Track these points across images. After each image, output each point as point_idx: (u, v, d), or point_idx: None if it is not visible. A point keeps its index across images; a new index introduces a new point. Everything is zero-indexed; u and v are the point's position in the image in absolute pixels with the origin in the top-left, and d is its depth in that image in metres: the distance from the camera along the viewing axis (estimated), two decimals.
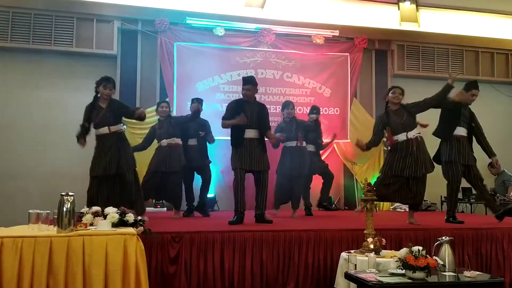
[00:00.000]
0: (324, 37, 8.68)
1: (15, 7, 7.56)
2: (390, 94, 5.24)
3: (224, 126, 5.31)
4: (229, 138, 5.33)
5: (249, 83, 5.27)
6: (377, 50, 9.17)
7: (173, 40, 8.05)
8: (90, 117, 4.93)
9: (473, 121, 5.51)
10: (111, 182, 4.90)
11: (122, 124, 5.19)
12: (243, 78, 5.40)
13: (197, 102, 6.37)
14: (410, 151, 5.05)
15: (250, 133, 5.17)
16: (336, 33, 8.71)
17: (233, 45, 8.37)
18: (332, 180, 7.43)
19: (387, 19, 9.18)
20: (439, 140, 5.57)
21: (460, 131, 5.41)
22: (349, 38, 8.91)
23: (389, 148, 5.49)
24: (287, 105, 6.49)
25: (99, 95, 4.97)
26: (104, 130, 4.88)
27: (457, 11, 9.50)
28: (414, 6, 9.24)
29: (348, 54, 8.84)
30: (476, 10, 9.58)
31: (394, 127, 5.16)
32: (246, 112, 5.13)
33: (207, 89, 8.12)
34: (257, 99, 8.20)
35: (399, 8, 9.23)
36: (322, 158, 7.74)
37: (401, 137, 5.10)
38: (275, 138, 5.53)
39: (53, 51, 7.76)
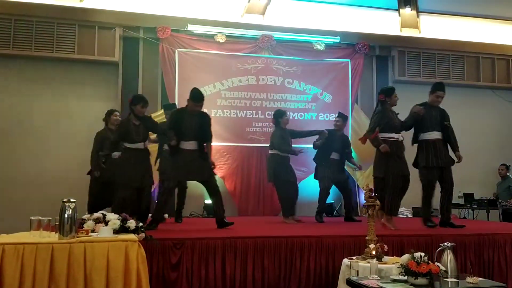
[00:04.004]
0: (325, 43, 8.71)
1: (17, 14, 7.59)
2: (394, 97, 5.42)
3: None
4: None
5: (202, 99, 5.21)
6: (378, 56, 9.20)
7: (174, 47, 8.08)
8: (123, 134, 5.04)
9: (446, 120, 5.55)
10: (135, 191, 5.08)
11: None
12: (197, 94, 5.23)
13: None
14: (402, 153, 5.38)
15: (189, 145, 5.12)
16: (337, 39, 8.74)
17: (234, 51, 8.40)
18: (350, 193, 7.14)
19: (388, 25, 9.21)
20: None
21: (434, 135, 5.47)
22: (350, 44, 8.93)
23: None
24: (283, 114, 6.65)
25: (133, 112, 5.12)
26: (140, 145, 5.06)
27: (458, 17, 9.53)
28: (414, 12, 9.27)
29: (349, 60, 8.86)
30: (476, 16, 9.61)
31: (393, 126, 5.36)
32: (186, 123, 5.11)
33: (208, 95, 8.12)
34: (259, 105, 8.36)
35: (399, 14, 9.26)
36: None
37: (398, 137, 5.37)
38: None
39: (55, 58, 7.79)
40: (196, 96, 5.15)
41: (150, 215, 5.20)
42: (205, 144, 5.20)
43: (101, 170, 6.04)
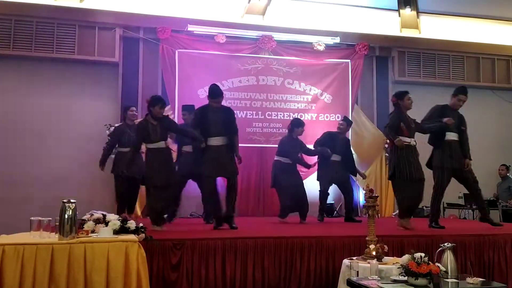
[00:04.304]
0: (325, 43, 8.71)
1: (17, 15, 7.59)
2: (406, 100, 5.38)
3: None
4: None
5: (220, 95, 5.31)
6: (378, 56, 9.19)
7: (174, 47, 8.08)
8: (144, 135, 5.07)
9: (463, 125, 5.63)
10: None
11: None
12: (212, 90, 5.38)
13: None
14: (413, 157, 5.31)
15: (216, 141, 5.20)
16: (337, 39, 8.74)
17: (235, 52, 8.40)
18: (351, 194, 7.11)
19: (388, 25, 9.21)
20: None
21: (451, 136, 5.53)
22: (350, 45, 8.93)
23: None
24: (301, 124, 6.76)
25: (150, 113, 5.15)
26: (161, 144, 5.06)
27: (458, 18, 9.53)
28: (414, 12, 9.27)
29: (349, 60, 8.86)
30: (476, 17, 9.61)
31: (408, 128, 5.35)
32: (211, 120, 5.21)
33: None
34: (259, 106, 8.36)
35: (399, 15, 9.25)
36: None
37: (410, 140, 5.31)
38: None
39: (55, 58, 7.78)
40: (212, 92, 5.29)
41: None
42: (231, 138, 5.27)
43: (103, 166, 6.51)
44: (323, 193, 6.86)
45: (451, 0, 9.37)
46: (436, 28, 9.39)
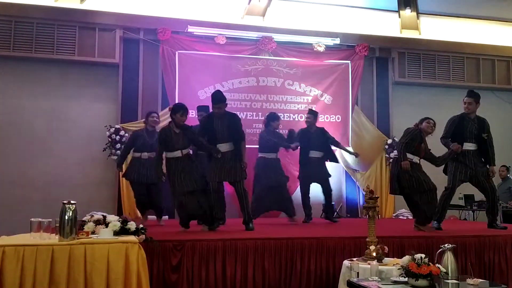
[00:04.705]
0: (325, 44, 8.71)
1: (17, 16, 7.60)
2: (424, 124, 5.41)
3: None
4: None
5: (222, 101, 5.30)
6: (378, 57, 9.20)
7: (174, 49, 8.09)
8: (164, 141, 5.10)
9: (484, 131, 5.62)
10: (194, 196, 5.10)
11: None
12: (214, 96, 5.37)
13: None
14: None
15: (223, 147, 5.25)
16: (337, 40, 8.75)
17: (235, 53, 8.40)
18: (330, 193, 6.94)
19: (388, 26, 9.22)
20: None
21: (468, 146, 5.56)
22: (350, 46, 8.94)
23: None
24: (277, 118, 6.73)
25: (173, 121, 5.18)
26: (178, 153, 5.07)
27: (458, 19, 9.55)
28: (414, 13, 9.28)
29: (349, 61, 8.86)
30: (476, 18, 9.62)
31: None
32: (217, 126, 5.26)
33: (209, 97, 8.11)
34: (259, 107, 8.36)
35: (399, 16, 9.27)
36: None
37: (414, 159, 5.35)
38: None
39: (55, 60, 7.79)
40: (214, 98, 5.31)
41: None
42: (238, 144, 5.30)
43: (120, 168, 6.56)
44: (304, 195, 6.77)
45: (451, 1, 9.38)
46: (436, 29, 9.41)
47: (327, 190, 6.83)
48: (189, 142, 5.16)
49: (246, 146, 7.66)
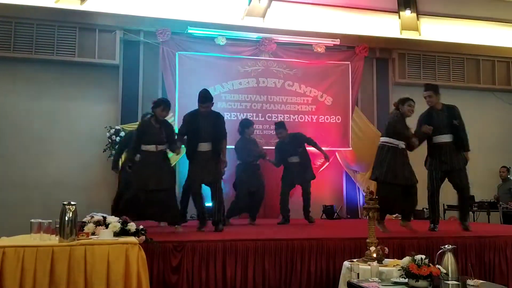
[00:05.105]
0: (325, 45, 8.72)
1: (17, 17, 7.61)
2: (407, 106, 5.29)
3: None
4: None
5: (209, 100, 5.31)
6: (378, 58, 9.21)
7: (175, 50, 8.09)
8: (143, 134, 5.11)
9: (454, 119, 5.45)
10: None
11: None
12: (201, 95, 5.33)
13: None
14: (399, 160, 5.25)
15: (204, 146, 5.22)
16: (337, 41, 8.75)
17: (235, 54, 8.41)
18: (307, 196, 6.88)
19: (388, 27, 9.23)
20: None
21: (440, 138, 5.43)
22: (350, 47, 8.95)
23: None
24: (251, 124, 6.87)
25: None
26: (153, 148, 5.06)
27: (458, 20, 9.55)
28: (414, 14, 9.29)
29: (349, 62, 8.87)
30: (476, 19, 9.62)
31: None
32: (201, 125, 5.22)
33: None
34: (259, 108, 8.36)
35: (399, 17, 9.28)
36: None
37: (398, 143, 5.28)
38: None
39: (56, 61, 7.80)
40: (201, 97, 5.29)
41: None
42: (219, 142, 5.28)
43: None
44: (282, 195, 6.83)
45: (451, 2, 9.39)
46: (436, 30, 9.41)
47: (305, 192, 6.87)
48: (166, 138, 5.14)
49: None
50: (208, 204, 7.51)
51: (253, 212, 6.81)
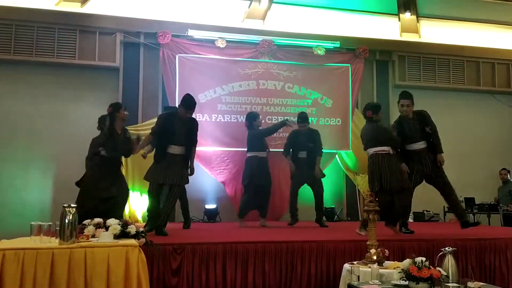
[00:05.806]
0: (325, 48, 8.72)
1: (18, 20, 7.61)
2: (380, 114, 5.37)
3: None
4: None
5: (194, 106, 5.29)
6: (378, 60, 9.21)
7: (175, 52, 8.09)
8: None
9: (427, 125, 5.39)
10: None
11: None
12: (188, 100, 5.28)
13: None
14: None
15: (176, 149, 5.17)
16: (337, 44, 8.76)
17: (235, 56, 8.41)
18: (321, 192, 6.81)
19: (388, 30, 9.24)
20: None
21: (416, 145, 5.40)
22: (350, 49, 8.95)
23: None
24: (257, 116, 6.88)
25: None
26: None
27: (458, 22, 9.56)
28: (414, 17, 9.30)
29: (349, 65, 8.87)
30: (476, 21, 9.63)
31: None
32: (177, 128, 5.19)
33: (209, 100, 8.15)
34: (259, 110, 8.36)
35: (399, 19, 9.28)
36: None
37: (388, 149, 5.30)
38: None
39: (56, 63, 7.80)
40: (187, 103, 5.22)
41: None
42: (189, 149, 5.25)
43: None
44: (292, 195, 6.80)
45: (451, 5, 9.40)
46: (436, 32, 9.42)
47: (316, 189, 6.76)
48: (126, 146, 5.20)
49: (243, 149, 7.71)
50: (208, 206, 7.58)
51: (263, 209, 6.68)
